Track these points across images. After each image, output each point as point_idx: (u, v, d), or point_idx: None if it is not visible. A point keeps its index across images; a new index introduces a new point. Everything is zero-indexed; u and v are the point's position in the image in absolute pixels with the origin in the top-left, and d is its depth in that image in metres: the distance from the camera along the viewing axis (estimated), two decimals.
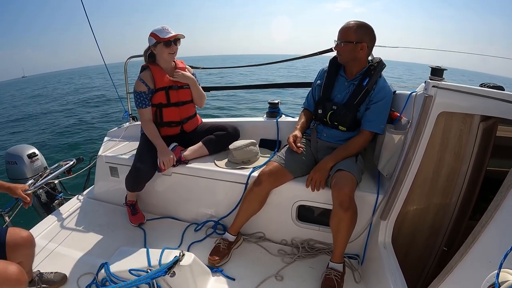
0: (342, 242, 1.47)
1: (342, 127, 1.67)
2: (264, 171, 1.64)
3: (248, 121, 2.30)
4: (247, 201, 1.68)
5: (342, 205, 1.41)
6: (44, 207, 2.35)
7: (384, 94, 1.59)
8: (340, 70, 1.71)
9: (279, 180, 1.65)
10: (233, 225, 1.73)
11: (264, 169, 1.66)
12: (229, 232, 1.72)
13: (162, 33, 1.83)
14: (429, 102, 1.30)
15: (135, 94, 1.91)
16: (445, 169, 1.43)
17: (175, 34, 1.84)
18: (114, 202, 2.19)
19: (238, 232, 1.76)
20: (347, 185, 1.42)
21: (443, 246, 1.55)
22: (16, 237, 1.27)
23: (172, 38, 1.83)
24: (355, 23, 1.54)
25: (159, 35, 1.83)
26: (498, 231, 0.83)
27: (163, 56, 1.89)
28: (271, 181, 1.63)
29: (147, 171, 1.85)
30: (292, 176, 1.67)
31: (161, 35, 1.82)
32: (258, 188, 1.63)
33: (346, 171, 1.48)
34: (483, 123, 1.35)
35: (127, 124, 2.54)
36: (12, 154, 2.35)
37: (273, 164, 1.66)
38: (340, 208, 1.41)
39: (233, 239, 1.71)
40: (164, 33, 1.83)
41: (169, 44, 1.85)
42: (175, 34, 1.84)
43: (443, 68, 1.35)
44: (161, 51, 1.87)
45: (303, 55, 2.29)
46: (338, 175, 1.48)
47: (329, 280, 1.43)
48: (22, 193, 1.48)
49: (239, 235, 1.77)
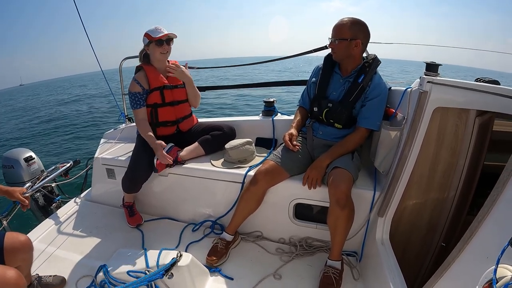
0: (339, 240, 1.46)
1: (338, 125, 1.66)
2: (260, 170, 1.64)
3: (244, 120, 2.29)
4: (243, 200, 1.67)
5: (339, 203, 1.40)
6: (41, 210, 2.34)
7: (380, 91, 1.58)
8: (335, 67, 1.70)
9: (275, 178, 1.65)
10: (231, 225, 1.72)
11: (260, 168, 1.65)
12: (227, 232, 1.72)
13: (154, 33, 1.84)
14: (424, 98, 1.29)
15: (130, 95, 1.92)
16: (441, 165, 1.43)
17: (166, 33, 1.85)
18: (111, 204, 2.18)
19: (236, 232, 1.75)
20: (343, 183, 1.42)
21: (441, 242, 1.55)
22: (14, 241, 1.26)
23: (163, 37, 1.84)
24: (349, 20, 1.53)
25: (151, 34, 1.84)
26: (495, 226, 0.82)
27: (156, 55, 1.90)
28: (267, 180, 1.63)
29: (144, 172, 1.85)
30: (288, 174, 1.66)
31: (153, 34, 1.83)
32: (254, 187, 1.62)
33: (342, 168, 1.47)
34: (479, 118, 1.34)
35: (123, 125, 2.54)
36: (9, 158, 2.35)
37: (269, 162, 1.65)
38: (337, 205, 1.41)
39: (230, 239, 1.71)
40: (156, 33, 1.84)
41: (161, 43, 1.85)
42: (166, 33, 1.85)
43: (438, 64, 1.34)
44: (154, 51, 1.88)
45: (297, 53, 2.28)
46: (334, 173, 1.48)
47: (327, 278, 1.43)
48: (20, 196, 1.48)
49: (236, 235, 1.76)
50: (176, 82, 2.00)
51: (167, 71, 1.97)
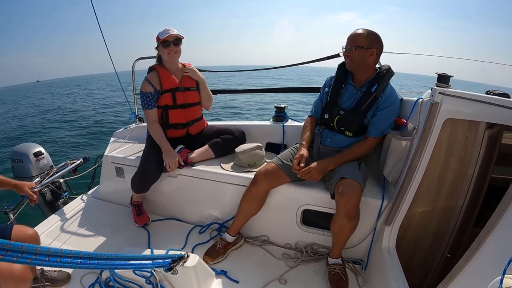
0: (341, 242, 1.54)
1: (349, 133, 1.67)
2: (260, 171, 1.66)
3: (254, 125, 2.31)
4: (244, 201, 1.69)
5: (349, 215, 1.42)
6: (48, 206, 2.36)
7: (392, 102, 1.60)
8: (348, 78, 1.71)
9: (275, 181, 1.66)
10: (232, 226, 1.74)
11: (261, 169, 1.68)
12: (228, 233, 1.74)
13: (162, 34, 1.86)
14: (435, 109, 1.31)
15: (142, 95, 1.93)
16: (450, 176, 1.44)
17: (172, 34, 1.84)
18: (118, 203, 2.20)
19: (239, 233, 1.77)
20: (354, 196, 1.43)
21: (447, 252, 1.55)
22: (22, 234, 1.27)
23: (169, 38, 1.84)
24: (365, 30, 1.57)
25: (160, 36, 1.86)
26: (502, 237, 0.83)
27: (164, 57, 1.92)
28: (268, 181, 1.64)
29: (154, 172, 1.86)
30: (289, 179, 1.68)
31: (161, 36, 1.85)
32: (254, 187, 1.65)
33: (352, 179, 1.47)
34: (489, 130, 1.35)
35: (134, 125, 2.56)
36: (18, 152, 2.37)
37: (271, 164, 1.68)
38: (346, 217, 1.43)
39: (231, 240, 1.73)
40: (163, 34, 1.85)
41: (167, 45, 1.86)
42: (172, 34, 1.84)
43: (449, 75, 1.36)
44: (162, 52, 1.90)
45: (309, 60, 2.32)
46: (344, 184, 1.47)
47: (335, 275, 1.50)
48: (29, 190, 1.49)
49: (239, 237, 1.78)
50: (189, 84, 2.02)
51: (184, 72, 1.99)
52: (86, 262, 0.82)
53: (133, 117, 2.61)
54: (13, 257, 0.63)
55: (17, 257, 0.63)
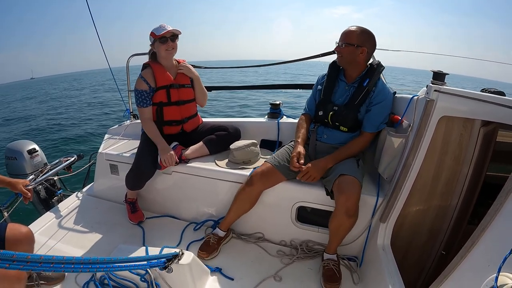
0: (338, 239, 1.54)
1: (344, 128, 1.67)
2: (257, 172, 1.66)
3: (249, 122, 2.30)
4: (238, 200, 1.70)
5: (348, 212, 1.43)
6: (43, 203, 2.34)
7: (384, 96, 1.60)
8: (340, 74, 1.72)
9: (271, 181, 1.67)
10: (224, 221, 1.76)
11: (257, 170, 1.67)
12: (220, 228, 1.75)
13: (158, 30, 1.83)
14: (431, 106, 1.31)
15: (136, 92, 1.91)
16: (445, 173, 1.44)
17: (169, 30, 1.83)
18: (113, 200, 2.19)
19: (228, 228, 1.79)
20: (355, 193, 1.44)
21: (442, 250, 1.56)
22: (16, 232, 1.26)
23: (166, 33, 1.83)
24: (358, 28, 1.57)
25: (155, 32, 1.84)
26: (497, 235, 0.83)
27: (161, 53, 1.89)
28: (263, 182, 1.65)
29: (148, 169, 1.85)
30: (285, 178, 1.67)
31: (157, 32, 1.83)
32: (250, 188, 1.65)
33: (351, 176, 1.47)
34: (484, 128, 1.35)
35: (128, 122, 2.54)
36: (12, 149, 2.35)
37: (267, 165, 1.67)
38: (345, 214, 1.43)
39: (223, 235, 1.75)
40: (159, 30, 1.83)
41: (164, 41, 1.85)
42: (169, 30, 1.83)
43: (445, 73, 1.36)
44: (159, 48, 1.87)
45: (305, 57, 2.30)
46: (344, 181, 1.47)
47: (329, 270, 1.51)
48: (23, 188, 1.48)
49: (229, 231, 1.80)
50: (183, 81, 2.00)
51: (178, 68, 1.97)
52: (79, 267, 0.81)
53: (127, 113, 2.59)
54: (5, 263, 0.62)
55: (9, 264, 0.63)
